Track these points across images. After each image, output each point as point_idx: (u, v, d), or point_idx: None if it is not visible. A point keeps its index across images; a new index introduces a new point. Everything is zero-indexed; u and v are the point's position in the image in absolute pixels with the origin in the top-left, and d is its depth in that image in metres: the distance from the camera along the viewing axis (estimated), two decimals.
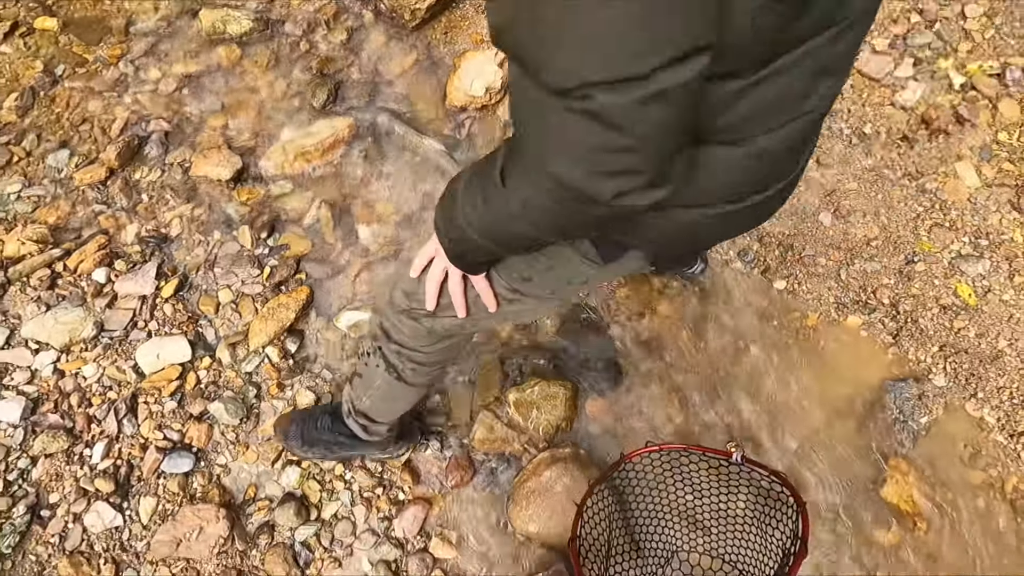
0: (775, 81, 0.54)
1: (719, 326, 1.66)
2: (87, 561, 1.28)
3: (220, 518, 1.31)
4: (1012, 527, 1.48)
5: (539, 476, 1.41)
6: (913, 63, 1.92)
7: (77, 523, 1.31)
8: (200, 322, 1.54)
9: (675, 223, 0.69)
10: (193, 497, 1.35)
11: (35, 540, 1.29)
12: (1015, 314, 1.60)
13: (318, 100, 1.85)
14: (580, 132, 0.48)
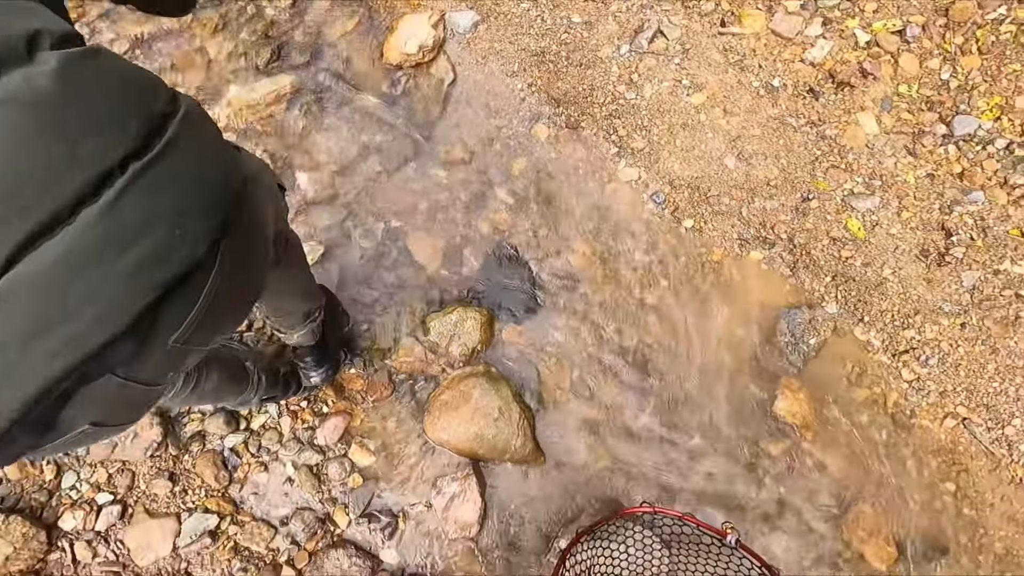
0: None
1: (631, 262, 1.79)
2: (30, 463, 1.41)
3: (154, 424, 1.43)
4: (893, 439, 1.62)
5: (452, 390, 1.54)
6: (822, 22, 2.06)
7: None
8: None
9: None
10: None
11: None
12: (900, 245, 1.74)
13: (262, 59, 1.99)
14: None
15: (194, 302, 0.64)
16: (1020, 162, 1.84)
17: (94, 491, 1.41)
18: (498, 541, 1.47)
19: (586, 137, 1.92)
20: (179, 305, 0.63)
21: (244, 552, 1.40)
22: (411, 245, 1.81)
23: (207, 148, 0.68)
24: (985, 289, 1.70)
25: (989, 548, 1.54)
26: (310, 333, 1.39)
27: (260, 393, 1.34)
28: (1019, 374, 1.63)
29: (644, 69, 1.95)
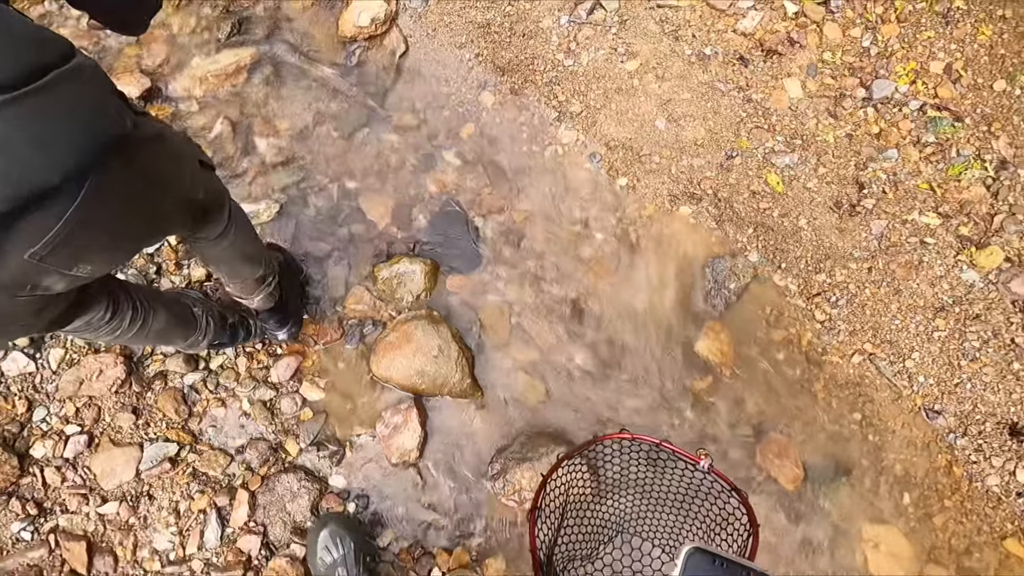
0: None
1: (570, 218, 1.92)
2: (3, 399, 1.53)
3: (118, 363, 1.56)
4: (806, 374, 1.76)
5: (396, 331, 1.68)
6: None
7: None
8: None
9: None
10: (98, 350, 1.60)
11: None
12: (815, 198, 1.88)
13: (223, 33, 2.11)
14: None
15: (51, 226, 0.78)
16: (932, 122, 1.98)
17: (63, 423, 1.54)
18: (437, 466, 1.61)
19: (529, 103, 2.05)
20: (35, 224, 0.76)
21: (202, 476, 1.53)
22: (363, 204, 1.94)
23: (87, 98, 0.81)
24: (892, 236, 1.85)
25: (890, 470, 1.69)
26: (268, 297, 1.51)
27: (209, 338, 1.46)
28: (919, 312, 1.78)
29: (582, 38, 2.08)
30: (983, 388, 1.71)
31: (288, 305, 1.64)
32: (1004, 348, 1.74)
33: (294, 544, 1.48)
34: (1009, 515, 1.64)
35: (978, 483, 1.66)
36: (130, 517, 1.49)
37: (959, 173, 1.93)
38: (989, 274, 1.81)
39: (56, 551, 1.43)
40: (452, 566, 1.50)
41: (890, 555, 1.62)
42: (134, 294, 1.19)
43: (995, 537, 1.63)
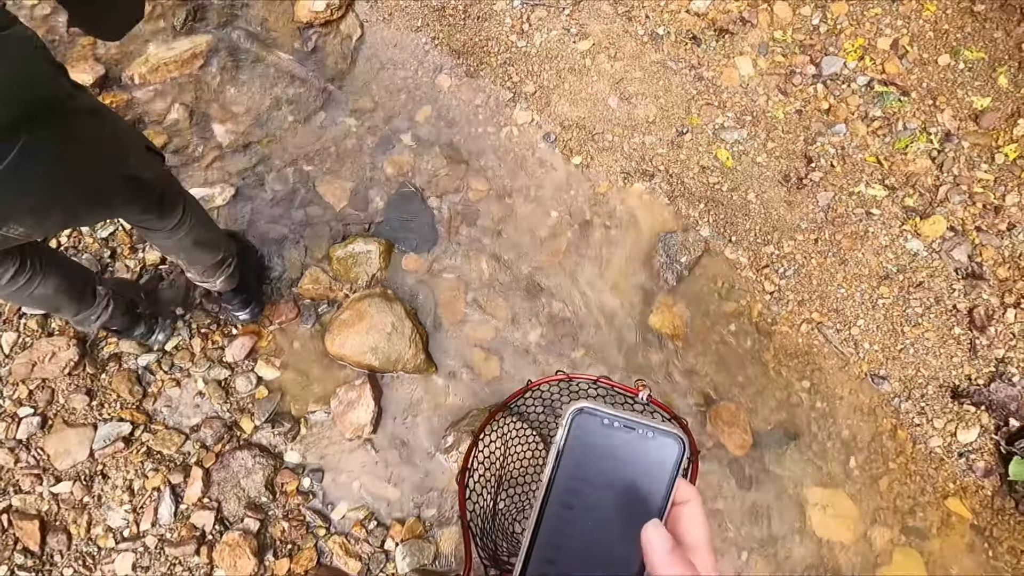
0: None
1: (526, 197, 1.95)
2: None
3: (71, 346, 1.57)
4: (757, 344, 1.80)
5: (350, 309, 1.70)
6: None
7: None
8: None
9: None
10: (51, 333, 1.61)
11: None
12: (764, 172, 1.92)
13: (178, 20, 2.11)
14: None
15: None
16: (880, 97, 2.03)
17: (16, 406, 1.55)
18: (391, 440, 1.63)
19: (484, 85, 2.07)
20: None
21: (156, 455, 1.55)
22: (320, 187, 1.96)
23: (20, 58, 0.86)
24: (839, 208, 1.89)
25: (837, 435, 1.73)
26: (228, 279, 1.53)
27: (102, 319, 1.44)
28: (864, 281, 1.82)
29: (536, 20, 2.10)
30: (926, 353, 1.76)
31: (248, 286, 1.66)
32: (946, 314, 1.78)
33: (248, 518, 1.50)
34: (951, 475, 1.69)
35: (921, 445, 1.71)
36: (84, 496, 1.50)
37: (905, 146, 1.97)
38: (933, 243, 1.85)
39: (9, 530, 1.44)
40: (405, 536, 1.52)
41: (837, 517, 1.67)
42: (31, 254, 1.20)
43: (938, 497, 1.68)
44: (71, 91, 0.97)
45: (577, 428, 0.42)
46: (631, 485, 0.41)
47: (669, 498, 0.41)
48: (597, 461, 0.42)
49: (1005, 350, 1.74)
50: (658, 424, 0.42)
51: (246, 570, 1.43)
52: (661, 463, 0.41)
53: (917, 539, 1.64)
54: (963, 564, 1.63)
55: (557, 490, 0.42)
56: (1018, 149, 1.92)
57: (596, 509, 0.42)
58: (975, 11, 2.09)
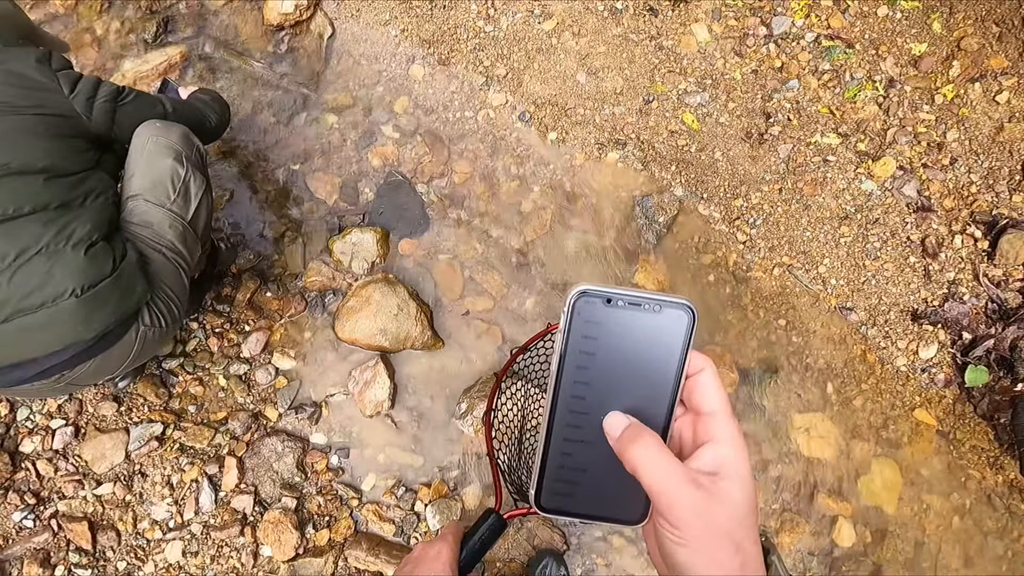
0: None
1: (508, 175, 2.07)
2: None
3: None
4: (735, 291, 1.96)
5: (356, 297, 1.81)
6: None
7: None
8: None
9: None
10: None
11: None
12: (728, 131, 2.07)
13: (149, 33, 2.16)
14: None
15: None
16: (827, 51, 2.18)
17: (47, 419, 1.63)
18: (409, 412, 1.76)
19: (457, 71, 2.17)
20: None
21: (189, 450, 1.65)
22: (310, 184, 2.04)
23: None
24: (798, 158, 2.05)
25: (814, 365, 1.91)
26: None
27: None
28: (827, 223, 1.99)
29: (500, 4, 2.20)
30: (886, 282, 1.94)
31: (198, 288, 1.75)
32: (901, 246, 1.97)
33: (285, 497, 1.62)
34: (916, 389, 1.89)
35: (889, 365, 1.90)
36: (126, 495, 1.60)
37: (854, 95, 2.14)
38: (885, 182, 2.03)
39: (60, 533, 1.53)
40: (433, 497, 1.66)
41: (819, 438, 1.85)
42: None
43: (907, 410, 1.88)
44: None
45: (580, 313, 0.40)
46: (643, 362, 0.40)
47: (683, 370, 0.40)
48: (605, 344, 0.40)
49: (955, 272, 1.94)
50: (665, 296, 0.40)
51: (291, 543, 1.55)
52: (671, 336, 0.40)
53: (891, 448, 1.84)
54: (932, 466, 1.83)
55: (566, 381, 0.41)
56: (954, 89, 2.10)
57: (609, 392, 0.41)
58: None
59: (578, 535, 1.70)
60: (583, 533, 1.70)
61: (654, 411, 0.41)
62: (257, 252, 1.93)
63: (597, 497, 0.43)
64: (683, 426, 0.42)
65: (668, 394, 0.40)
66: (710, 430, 0.40)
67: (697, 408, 0.41)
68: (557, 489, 0.43)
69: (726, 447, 0.39)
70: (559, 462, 0.42)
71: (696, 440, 0.41)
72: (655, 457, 0.37)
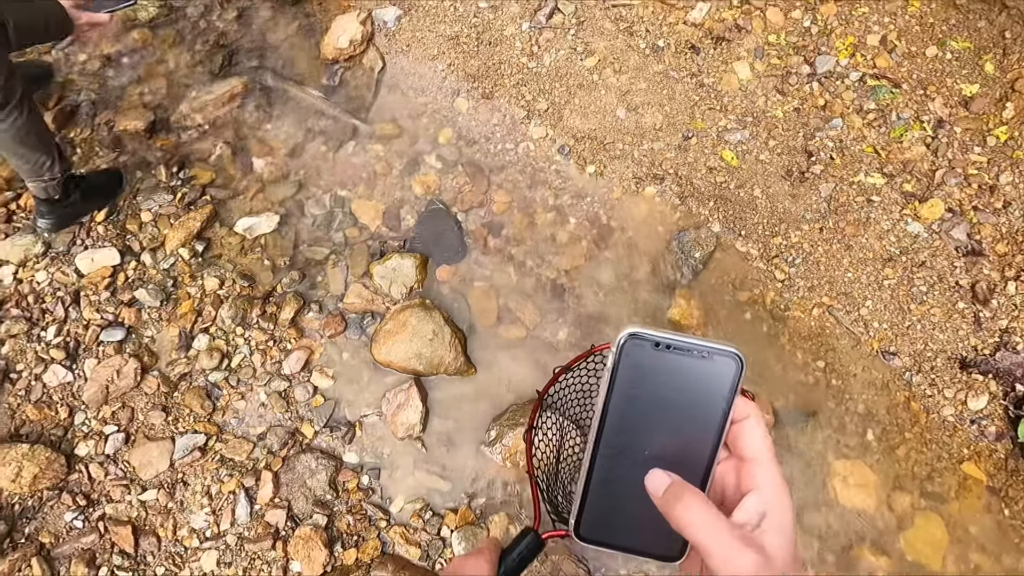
0: None
1: (545, 206, 2.12)
2: (47, 406, 1.73)
3: (147, 369, 1.75)
4: (772, 330, 1.94)
5: (393, 320, 1.87)
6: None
7: (38, 381, 1.76)
8: (127, 237, 1.99)
9: None
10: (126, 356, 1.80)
11: (7, 394, 1.74)
12: (768, 169, 2.07)
13: (215, 65, 2.32)
14: None
15: None
16: (873, 91, 2.17)
17: (101, 425, 1.74)
18: (439, 437, 1.79)
19: (500, 105, 2.25)
20: None
21: (229, 462, 1.72)
22: (355, 209, 2.14)
23: None
24: (841, 198, 2.03)
25: (853, 410, 1.86)
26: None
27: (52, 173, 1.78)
28: (869, 264, 1.96)
29: (544, 41, 2.28)
30: (932, 328, 1.88)
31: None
32: (949, 290, 1.91)
33: (316, 514, 1.66)
34: (965, 441, 1.81)
35: (935, 414, 1.83)
36: (168, 502, 1.67)
37: (900, 135, 2.11)
38: (932, 224, 1.98)
39: (106, 536, 1.61)
40: (459, 523, 1.67)
41: (858, 487, 1.79)
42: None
43: (954, 462, 1.80)
44: None
45: (629, 355, 0.41)
46: (688, 405, 0.41)
47: (728, 416, 0.41)
48: (651, 387, 0.41)
49: (1008, 320, 1.86)
50: (714, 343, 0.41)
51: (319, 560, 1.59)
52: (719, 382, 0.40)
53: (936, 503, 1.76)
54: (981, 524, 1.74)
55: (611, 418, 0.42)
56: (1008, 131, 2.05)
57: (653, 432, 0.41)
58: (958, 3, 2.23)
59: (603, 570, 1.68)
60: (607, 568, 1.68)
61: (697, 454, 0.41)
62: (302, 273, 2.01)
63: (636, 531, 0.43)
64: (726, 471, 0.42)
65: (712, 438, 0.41)
66: (754, 477, 0.40)
67: (741, 454, 0.41)
68: (596, 520, 0.44)
69: (769, 495, 0.39)
70: (600, 495, 0.43)
71: (740, 487, 0.41)
72: (703, 517, 0.38)
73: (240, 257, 2.02)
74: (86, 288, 1.90)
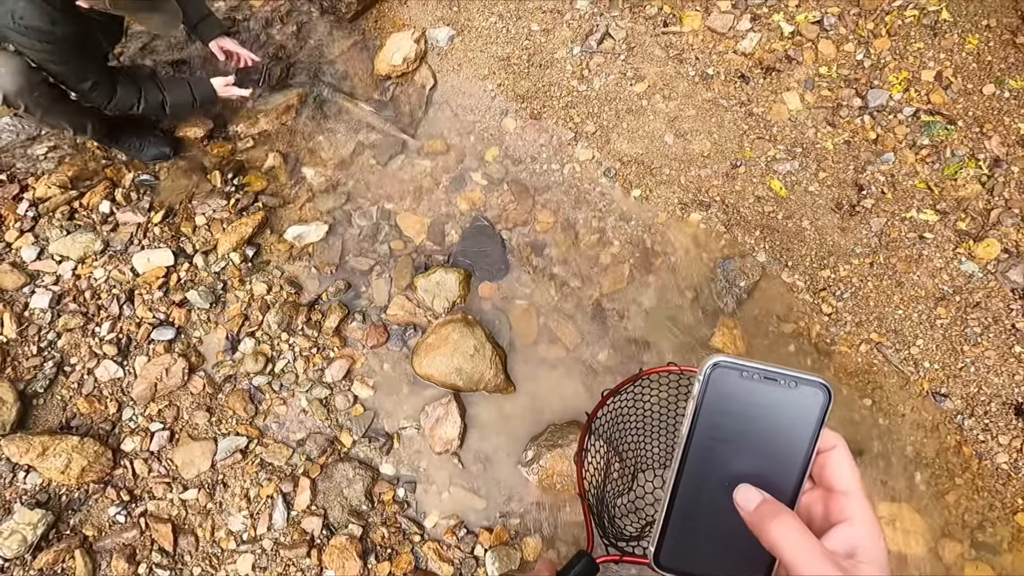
0: None
1: (589, 228, 2.12)
2: (97, 400, 1.77)
3: (194, 369, 1.79)
4: (816, 364, 1.91)
5: (435, 334, 1.88)
6: (751, 18, 2.41)
7: (90, 375, 1.81)
8: (181, 239, 2.05)
9: None
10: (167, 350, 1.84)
11: (60, 386, 1.79)
12: (817, 200, 2.05)
13: (273, 77, 2.39)
14: None
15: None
16: (926, 126, 2.14)
17: (147, 421, 1.77)
18: (476, 454, 1.79)
19: (547, 126, 2.28)
20: None
21: (268, 466, 1.74)
22: (401, 222, 2.17)
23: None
24: (892, 233, 2.00)
25: (901, 451, 1.80)
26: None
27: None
28: (921, 302, 1.91)
29: (594, 66, 2.31)
30: (987, 371, 1.83)
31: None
32: (1005, 333, 1.86)
33: (352, 524, 1.66)
34: (1020, 490, 1.74)
35: (987, 461, 1.77)
36: (208, 503, 1.69)
37: (955, 172, 2.07)
38: (988, 264, 1.94)
39: (147, 532, 1.64)
40: (493, 543, 1.66)
41: (905, 532, 1.73)
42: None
43: (1007, 512, 1.73)
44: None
45: (714, 383, 0.41)
46: (773, 435, 0.41)
47: (815, 446, 0.40)
48: (737, 416, 0.41)
49: None
50: (801, 373, 0.41)
51: (353, 571, 1.59)
52: (805, 413, 0.40)
53: (988, 553, 1.69)
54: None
55: (695, 448, 0.42)
56: None
57: (737, 461, 0.41)
58: (1017, 43, 2.20)
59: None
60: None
61: (782, 483, 0.41)
62: (347, 283, 2.05)
63: (715, 561, 0.43)
64: (812, 502, 0.42)
65: (798, 468, 0.41)
66: (844, 510, 0.40)
67: (829, 485, 0.41)
68: (677, 549, 0.43)
69: (863, 529, 0.39)
70: (681, 523, 0.43)
71: (828, 518, 0.40)
72: (799, 537, 0.37)
73: (288, 264, 2.06)
74: (140, 287, 1.96)
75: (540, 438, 1.80)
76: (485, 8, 2.47)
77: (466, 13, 2.48)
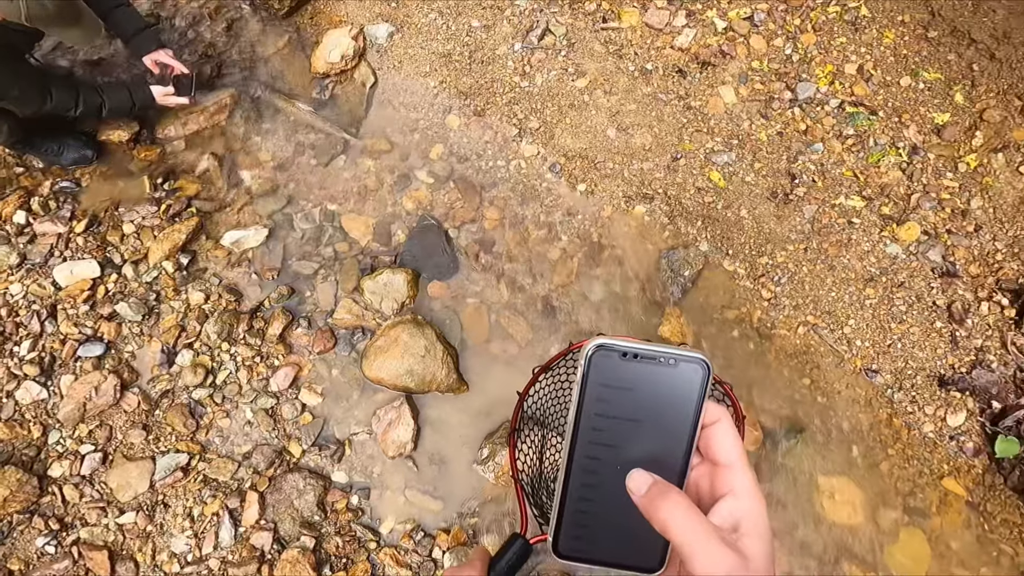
0: None
1: (537, 224, 2.13)
2: (19, 425, 1.65)
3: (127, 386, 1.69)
4: (759, 347, 1.97)
5: (384, 336, 1.84)
6: (687, 14, 2.47)
7: (9, 398, 1.68)
8: (108, 248, 1.93)
9: None
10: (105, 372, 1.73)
11: None
12: (754, 190, 2.12)
13: (203, 76, 2.28)
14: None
15: None
16: (851, 117, 2.25)
17: (77, 444, 1.67)
18: (430, 455, 1.77)
19: (492, 122, 2.27)
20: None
21: (212, 483, 1.67)
22: (345, 224, 2.12)
23: None
24: (823, 219, 2.09)
25: (838, 426, 1.90)
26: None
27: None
28: (852, 284, 2.02)
29: (535, 61, 2.32)
30: (912, 346, 1.95)
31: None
32: (927, 310, 1.98)
33: (304, 536, 1.62)
34: (945, 457, 1.86)
35: (916, 431, 1.88)
36: (147, 525, 1.61)
37: (878, 160, 2.19)
38: (910, 246, 2.06)
39: (80, 562, 1.54)
40: (451, 544, 1.65)
41: (845, 503, 1.82)
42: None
43: (935, 478, 1.84)
44: None
45: (596, 366, 0.41)
46: (659, 414, 0.41)
47: (699, 421, 0.41)
48: (621, 397, 0.41)
49: (982, 340, 1.94)
50: (680, 350, 0.41)
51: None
52: (687, 388, 0.41)
53: (919, 518, 1.80)
54: (962, 538, 1.79)
55: (583, 431, 0.42)
56: (978, 158, 2.15)
57: (626, 442, 0.41)
58: (929, 37, 2.34)
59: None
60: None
61: (670, 461, 0.41)
62: (291, 288, 1.98)
63: (614, 545, 0.43)
64: (700, 476, 0.43)
65: (684, 444, 0.41)
66: (728, 482, 0.40)
67: (714, 459, 0.41)
68: (574, 536, 0.43)
69: (745, 502, 0.39)
70: (576, 510, 0.43)
71: (714, 492, 0.41)
72: (685, 517, 0.37)
73: (227, 271, 1.98)
74: (64, 301, 1.84)
75: (495, 435, 1.79)
76: (424, 4, 2.43)
77: (405, 9, 2.44)
